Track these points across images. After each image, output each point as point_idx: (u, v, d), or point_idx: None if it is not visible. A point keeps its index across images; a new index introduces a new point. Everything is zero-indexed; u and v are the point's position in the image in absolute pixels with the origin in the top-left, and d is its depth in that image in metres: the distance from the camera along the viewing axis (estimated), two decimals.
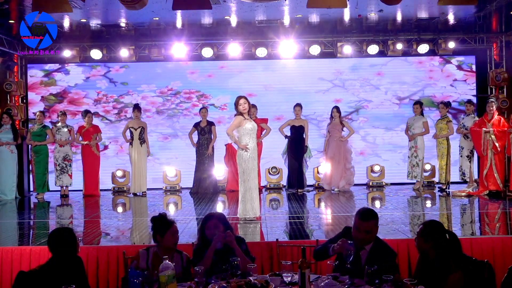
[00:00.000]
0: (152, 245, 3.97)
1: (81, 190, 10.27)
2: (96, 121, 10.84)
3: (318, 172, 10.77)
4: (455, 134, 9.80)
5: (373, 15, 9.99)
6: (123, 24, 10.47)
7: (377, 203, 9.32)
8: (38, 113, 10.21)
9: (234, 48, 10.99)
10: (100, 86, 11.69)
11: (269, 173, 10.79)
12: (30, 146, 10.21)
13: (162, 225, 3.86)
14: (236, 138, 7.00)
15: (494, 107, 9.13)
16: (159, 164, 11.28)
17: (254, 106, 9.50)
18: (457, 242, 3.58)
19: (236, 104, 6.99)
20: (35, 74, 11.65)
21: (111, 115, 11.65)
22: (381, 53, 11.19)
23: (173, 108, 11.70)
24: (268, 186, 10.74)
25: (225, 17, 10.02)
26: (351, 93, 11.65)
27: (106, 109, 11.67)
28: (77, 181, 10.30)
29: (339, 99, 11.50)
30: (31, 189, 10.70)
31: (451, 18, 10.30)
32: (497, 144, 8.96)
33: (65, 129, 10.11)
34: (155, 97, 11.71)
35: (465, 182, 9.72)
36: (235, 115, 7.03)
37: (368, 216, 3.74)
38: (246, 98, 7.03)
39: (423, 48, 11.00)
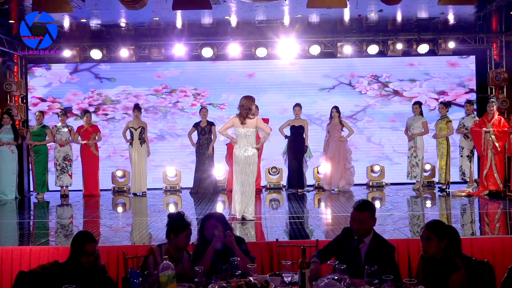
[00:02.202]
0: (163, 243, 3.98)
1: (81, 190, 10.28)
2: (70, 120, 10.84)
3: (318, 172, 10.76)
4: (454, 133, 9.81)
5: (373, 15, 9.98)
6: (123, 24, 10.47)
7: (377, 203, 9.32)
8: (37, 113, 10.21)
9: (234, 48, 10.99)
10: (85, 82, 11.61)
11: (269, 173, 10.79)
12: (30, 146, 10.20)
13: (178, 226, 3.86)
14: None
15: (494, 107, 9.13)
16: (154, 166, 11.10)
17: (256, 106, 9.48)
18: (459, 240, 3.62)
19: (252, 104, 6.95)
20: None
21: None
22: (381, 53, 11.19)
23: (170, 107, 11.67)
24: (268, 186, 10.73)
25: (225, 17, 10.01)
26: (357, 91, 11.62)
27: (80, 106, 11.49)
28: (77, 181, 10.30)
29: (344, 99, 11.44)
30: (31, 189, 10.69)
31: (451, 18, 10.30)
32: (497, 144, 8.97)
33: (65, 129, 10.11)
34: (149, 95, 11.65)
35: (465, 182, 9.72)
36: (250, 114, 6.88)
37: (362, 207, 3.84)
38: None
39: (423, 48, 11.00)
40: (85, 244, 3.62)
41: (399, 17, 10.28)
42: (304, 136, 10.09)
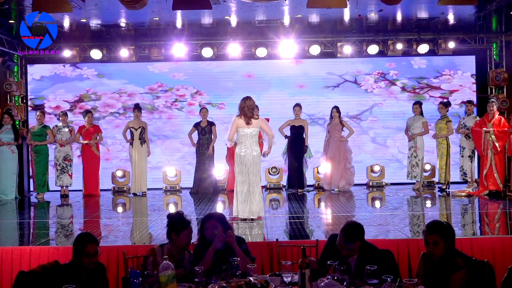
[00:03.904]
0: (165, 243, 4.00)
1: (81, 190, 10.27)
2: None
3: (318, 172, 10.76)
4: (454, 134, 9.80)
5: (373, 15, 9.99)
6: (123, 24, 10.48)
7: (377, 203, 9.33)
8: (38, 113, 10.21)
9: (234, 48, 10.99)
10: (69, 78, 11.52)
11: (269, 173, 10.78)
12: (30, 146, 10.20)
13: (179, 224, 3.89)
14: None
15: (494, 107, 9.14)
16: (149, 168, 10.69)
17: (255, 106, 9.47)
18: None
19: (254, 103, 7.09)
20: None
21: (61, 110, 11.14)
22: (381, 53, 11.18)
23: (167, 106, 11.59)
24: (268, 186, 10.73)
25: (225, 17, 10.02)
26: (363, 90, 11.57)
27: (54, 104, 11.34)
28: (77, 181, 10.29)
29: (349, 98, 11.39)
30: (31, 189, 10.69)
31: (451, 18, 10.30)
32: (497, 144, 8.97)
33: (66, 129, 10.11)
34: (144, 94, 11.57)
35: (465, 182, 9.73)
36: (258, 115, 7.03)
37: (353, 238, 3.67)
38: None
39: (423, 48, 11.00)
40: (86, 245, 3.63)
41: (399, 17, 10.29)
42: (304, 136, 10.09)
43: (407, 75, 11.54)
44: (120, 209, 9.37)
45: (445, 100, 10.25)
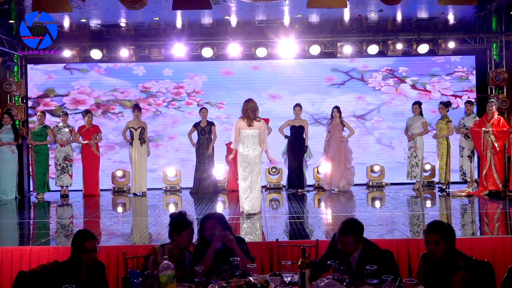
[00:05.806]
0: (166, 243, 4.01)
1: (81, 190, 10.27)
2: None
3: (318, 172, 10.76)
4: (454, 134, 9.80)
5: (373, 15, 9.99)
6: (123, 24, 10.48)
7: (377, 203, 9.33)
8: (39, 113, 10.21)
9: (234, 48, 10.99)
10: (51, 74, 11.45)
11: (269, 173, 10.78)
12: (30, 146, 10.19)
13: (180, 224, 3.89)
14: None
15: (494, 107, 9.14)
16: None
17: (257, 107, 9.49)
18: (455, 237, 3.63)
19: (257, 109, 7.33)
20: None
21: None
22: (381, 53, 11.18)
23: (163, 106, 11.55)
24: (268, 186, 10.73)
25: (225, 17, 10.02)
26: (371, 88, 11.52)
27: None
28: (77, 181, 10.29)
29: (355, 97, 11.34)
30: (31, 189, 10.69)
31: (451, 18, 10.31)
32: (496, 144, 8.97)
33: (66, 129, 10.11)
34: (138, 92, 11.52)
35: (465, 182, 9.72)
36: (259, 118, 7.29)
37: (346, 231, 3.68)
38: None
39: (423, 48, 11.00)
40: (85, 241, 3.64)
41: (399, 17, 10.29)
42: (304, 136, 10.09)
43: (417, 72, 11.47)
44: (120, 209, 9.37)
45: (445, 100, 10.25)
